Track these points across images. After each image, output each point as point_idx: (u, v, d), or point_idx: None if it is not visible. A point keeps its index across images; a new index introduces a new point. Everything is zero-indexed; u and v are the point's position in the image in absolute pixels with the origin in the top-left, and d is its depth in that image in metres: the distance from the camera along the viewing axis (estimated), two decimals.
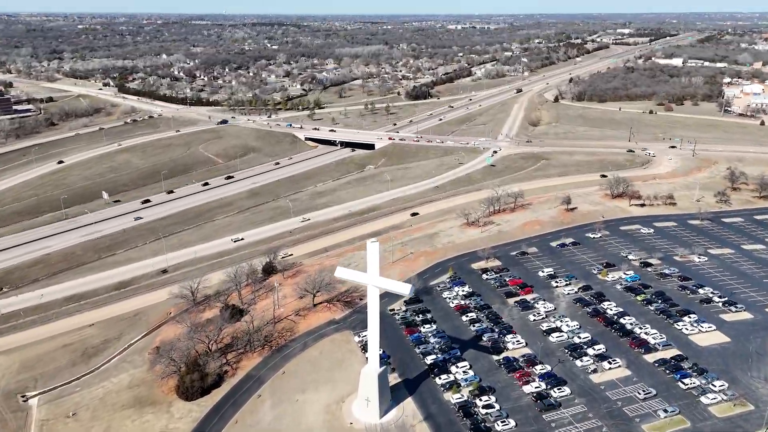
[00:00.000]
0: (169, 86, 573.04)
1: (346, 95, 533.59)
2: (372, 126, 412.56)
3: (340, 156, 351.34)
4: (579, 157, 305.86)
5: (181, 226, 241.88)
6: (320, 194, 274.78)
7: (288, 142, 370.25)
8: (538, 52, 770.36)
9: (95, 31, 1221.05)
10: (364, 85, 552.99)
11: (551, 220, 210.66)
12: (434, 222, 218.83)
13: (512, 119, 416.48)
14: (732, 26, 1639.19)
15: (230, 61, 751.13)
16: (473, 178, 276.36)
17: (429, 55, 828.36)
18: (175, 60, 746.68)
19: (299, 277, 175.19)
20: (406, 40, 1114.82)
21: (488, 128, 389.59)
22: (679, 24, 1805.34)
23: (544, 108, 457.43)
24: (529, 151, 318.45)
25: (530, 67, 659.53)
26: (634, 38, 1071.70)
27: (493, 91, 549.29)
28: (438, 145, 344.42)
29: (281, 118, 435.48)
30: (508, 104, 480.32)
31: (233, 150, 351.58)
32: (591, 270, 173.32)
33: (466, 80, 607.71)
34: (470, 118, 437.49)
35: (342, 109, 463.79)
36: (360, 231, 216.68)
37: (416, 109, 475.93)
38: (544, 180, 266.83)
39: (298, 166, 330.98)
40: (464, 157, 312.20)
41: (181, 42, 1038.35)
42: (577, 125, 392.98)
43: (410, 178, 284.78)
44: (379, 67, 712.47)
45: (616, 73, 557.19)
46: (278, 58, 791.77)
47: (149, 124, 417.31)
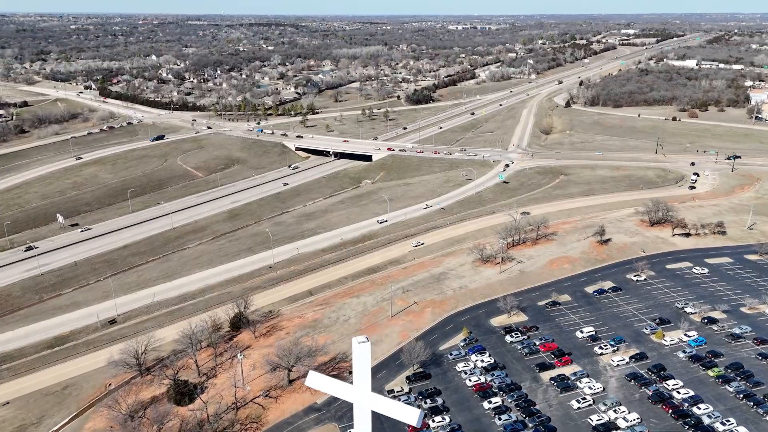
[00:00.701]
0: (155, 89, 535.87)
1: (342, 99, 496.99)
2: (369, 133, 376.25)
3: (334, 168, 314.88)
4: (602, 172, 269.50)
5: (144, 257, 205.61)
6: (309, 216, 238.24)
7: (276, 153, 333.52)
8: (543, 54, 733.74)
9: (87, 31, 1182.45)
10: (361, 88, 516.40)
11: (583, 257, 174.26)
12: (441, 256, 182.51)
13: (522, 126, 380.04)
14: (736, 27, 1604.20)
15: (222, 62, 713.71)
16: (485, 198, 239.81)
17: (430, 56, 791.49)
18: (165, 61, 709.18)
19: (274, 336, 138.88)
20: (406, 40, 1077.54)
21: (497, 137, 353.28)
22: (682, 24, 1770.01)
23: (555, 114, 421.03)
24: (545, 165, 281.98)
25: (536, 69, 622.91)
26: (641, 39, 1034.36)
27: (498, 95, 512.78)
28: (443, 157, 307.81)
29: (271, 125, 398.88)
30: (517, 109, 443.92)
31: (215, 162, 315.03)
32: (641, 328, 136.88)
33: (470, 83, 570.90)
34: (476, 124, 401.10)
35: (338, 115, 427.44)
36: (353, 267, 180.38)
37: (417, 114, 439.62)
38: (566, 201, 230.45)
39: (287, 180, 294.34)
40: (472, 171, 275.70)
41: (173, 42, 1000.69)
42: (594, 133, 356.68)
43: (412, 198, 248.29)
44: (378, 69, 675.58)
45: (629, 76, 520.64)
46: (273, 60, 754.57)
47: (127, 132, 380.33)
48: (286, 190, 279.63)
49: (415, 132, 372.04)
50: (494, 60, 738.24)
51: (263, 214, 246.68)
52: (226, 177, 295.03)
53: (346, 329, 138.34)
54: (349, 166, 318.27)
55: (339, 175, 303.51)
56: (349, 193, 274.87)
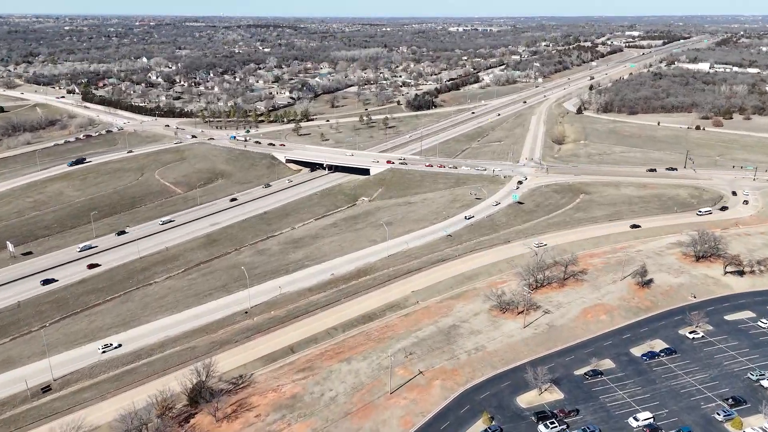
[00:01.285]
0: (143, 93, 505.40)
1: (339, 104, 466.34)
2: (367, 143, 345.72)
3: (328, 183, 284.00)
4: (628, 190, 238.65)
5: (102, 295, 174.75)
6: (296, 243, 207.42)
7: (265, 166, 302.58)
8: (549, 56, 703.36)
9: (80, 32, 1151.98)
10: (360, 93, 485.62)
11: (622, 304, 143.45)
12: (450, 299, 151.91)
13: (532, 136, 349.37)
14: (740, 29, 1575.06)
15: (216, 65, 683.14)
16: (498, 223, 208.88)
17: (431, 58, 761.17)
18: (155, 64, 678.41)
19: (240, 420, 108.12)
20: (406, 42, 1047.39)
21: (506, 147, 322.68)
22: (685, 27, 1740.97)
23: (566, 121, 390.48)
24: (562, 182, 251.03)
25: (543, 73, 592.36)
26: (647, 41, 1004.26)
27: (504, 100, 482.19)
28: (448, 171, 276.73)
29: (261, 133, 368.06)
30: (525, 116, 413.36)
31: (197, 176, 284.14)
32: (712, 413, 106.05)
33: (474, 87, 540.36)
34: (482, 132, 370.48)
35: (334, 122, 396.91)
36: (344, 312, 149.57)
37: (419, 121, 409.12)
38: (591, 227, 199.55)
39: (274, 198, 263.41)
40: (482, 189, 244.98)
41: (167, 44, 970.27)
42: (611, 144, 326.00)
43: (414, 221, 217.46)
44: (377, 72, 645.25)
45: (642, 80, 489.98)
46: (268, 62, 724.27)
47: (105, 141, 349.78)
48: (274, 209, 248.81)
49: (416, 141, 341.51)
50: (498, 63, 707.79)
51: (245, 238, 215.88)
52: (207, 194, 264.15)
53: (332, 412, 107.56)
54: (344, 181, 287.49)
55: (333, 191, 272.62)
56: (343, 213, 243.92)
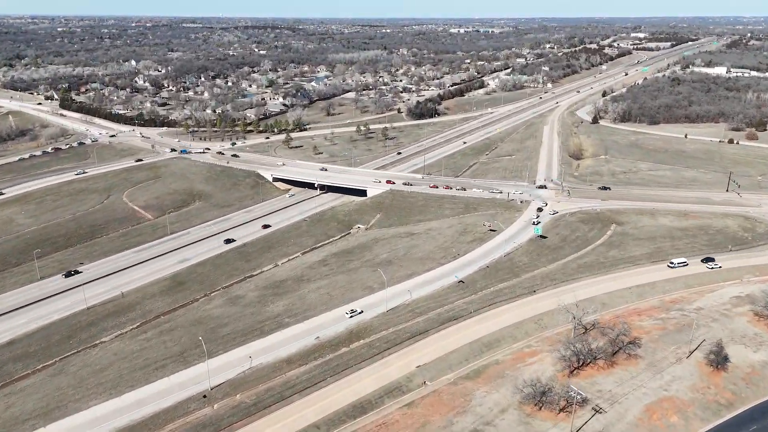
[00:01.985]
0: (126, 99, 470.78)
1: (335, 112, 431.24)
2: (365, 156, 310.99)
3: (319, 207, 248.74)
4: (666, 220, 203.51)
5: (32, 362, 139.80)
6: (277, 289, 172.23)
7: (249, 185, 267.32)
8: (556, 60, 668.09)
9: (72, 33, 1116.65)
10: (357, 100, 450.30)
11: (696, 398, 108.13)
12: (467, 381, 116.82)
13: (547, 149, 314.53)
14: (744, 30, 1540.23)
15: (207, 68, 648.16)
16: (518, 264, 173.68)
17: (432, 61, 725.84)
18: (144, 67, 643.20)
19: None
20: (407, 44, 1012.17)
21: (518, 163, 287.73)
22: (690, 28, 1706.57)
23: (581, 132, 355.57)
24: (588, 208, 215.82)
25: (551, 77, 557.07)
26: (654, 42, 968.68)
27: (512, 107, 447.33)
28: (456, 194, 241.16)
29: (248, 146, 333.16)
30: (536, 126, 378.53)
31: (171, 198, 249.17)
32: None
33: (479, 93, 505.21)
34: (491, 145, 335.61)
35: (329, 132, 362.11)
36: (330, 400, 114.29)
37: (421, 131, 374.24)
38: (630, 271, 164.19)
39: (255, 226, 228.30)
40: (496, 218, 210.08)
41: (160, 46, 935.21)
42: (635, 159, 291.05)
43: (418, 260, 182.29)
44: (377, 77, 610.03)
45: (660, 86, 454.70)
46: (263, 65, 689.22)
47: (76, 155, 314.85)
48: (254, 240, 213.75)
49: (418, 155, 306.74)
50: (503, 66, 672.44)
51: (218, 280, 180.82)
52: (180, 219, 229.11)
53: None
54: (338, 204, 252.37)
55: (325, 216, 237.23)
56: (335, 245, 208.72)
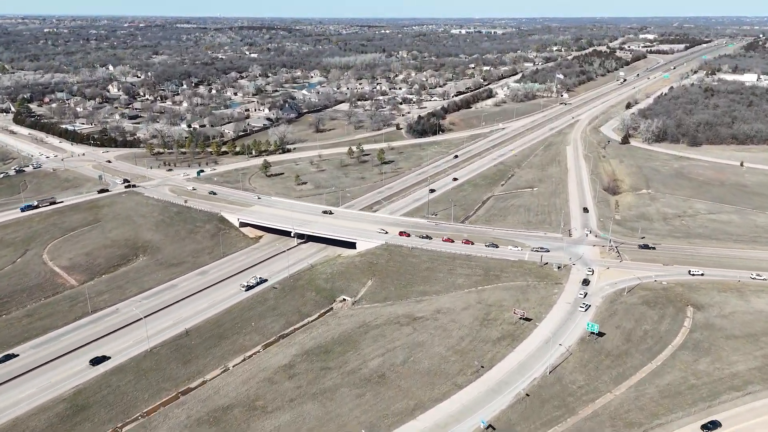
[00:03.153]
0: (91, 112, 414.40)
1: (325, 128, 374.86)
2: (357, 186, 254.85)
3: (295, 266, 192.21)
4: (762, 302, 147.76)
5: None
6: (216, 422, 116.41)
7: (208, 234, 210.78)
8: (568, 65, 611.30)
9: (58, 35, 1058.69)
10: (351, 114, 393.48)
11: None
12: None
13: (575, 179, 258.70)
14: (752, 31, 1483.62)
15: (191, 74, 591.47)
16: (570, 389, 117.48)
17: (434, 66, 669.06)
18: (121, 72, 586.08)
19: None
20: (406, 46, 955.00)
21: (543, 200, 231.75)
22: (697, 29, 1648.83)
23: (612, 155, 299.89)
24: (649, 281, 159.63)
25: (566, 85, 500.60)
26: (666, 45, 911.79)
27: (526, 122, 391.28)
28: (471, 253, 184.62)
29: (217, 174, 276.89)
30: (556, 146, 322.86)
31: (107, 253, 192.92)
32: None
33: (488, 104, 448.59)
34: (506, 171, 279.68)
35: (316, 155, 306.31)
36: None
37: (423, 153, 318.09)
38: (740, 407, 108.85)
39: (208, 299, 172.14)
40: (528, 293, 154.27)
41: (148, 48, 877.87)
42: (686, 195, 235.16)
43: (424, 374, 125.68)
44: (374, 84, 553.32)
45: (693, 97, 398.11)
46: (251, 70, 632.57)
47: (9, 186, 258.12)
48: (207, 320, 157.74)
49: (419, 185, 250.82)
50: (510, 72, 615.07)
51: (137, 400, 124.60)
52: (111, 288, 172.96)
53: None
54: (319, 258, 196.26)
55: (300, 281, 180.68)
56: (310, 333, 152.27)
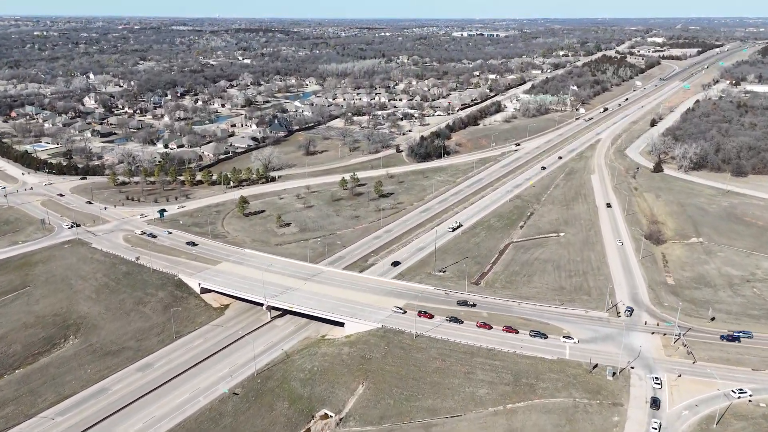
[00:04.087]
0: (62, 127, 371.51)
1: (317, 150, 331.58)
2: (349, 231, 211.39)
3: (266, 354, 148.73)
4: None
5: None
6: None
7: (161, 303, 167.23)
8: (579, 74, 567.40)
9: (47, 38, 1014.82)
10: (346, 134, 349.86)
11: None
12: None
13: (608, 223, 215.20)
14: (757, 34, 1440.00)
15: (178, 83, 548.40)
16: None
17: (436, 73, 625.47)
18: (102, 82, 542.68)
19: None
20: (407, 51, 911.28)
21: (572, 248, 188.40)
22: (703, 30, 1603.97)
23: (645, 188, 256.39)
24: (735, 396, 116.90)
25: (580, 97, 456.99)
26: (678, 49, 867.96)
27: (540, 142, 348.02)
28: (490, 345, 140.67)
29: (186, 213, 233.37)
30: (579, 173, 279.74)
31: (28, 335, 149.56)
32: None
33: (497, 119, 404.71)
34: (524, 208, 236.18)
35: (304, 187, 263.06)
36: None
37: (427, 182, 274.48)
38: None
39: (145, 410, 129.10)
40: (576, 417, 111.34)
41: (134, 54, 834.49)
42: (747, 245, 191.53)
43: None
44: (372, 93, 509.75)
45: (725, 114, 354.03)
46: (242, 78, 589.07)
47: None
48: None
49: (423, 226, 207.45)
50: (518, 81, 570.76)
51: None
52: (21, 395, 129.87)
53: None
54: (296, 344, 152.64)
55: (269, 382, 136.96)
56: None
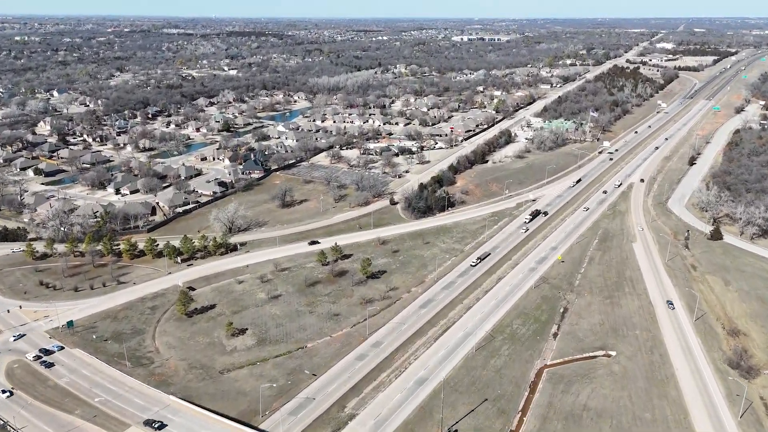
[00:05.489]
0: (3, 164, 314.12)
1: (295, 200, 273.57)
2: (325, 344, 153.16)
3: None
4: None
5: None
6: None
7: None
8: (594, 90, 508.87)
9: (25, 44, 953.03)
10: (330, 179, 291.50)
11: None
12: None
13: (672, 332, 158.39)
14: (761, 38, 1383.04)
15: (151, 101, 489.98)
16: None
17: (436, 89, 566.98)
18: (65, 100, 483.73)
19: None
20: (405, 59, 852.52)
21: (638, 396, 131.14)
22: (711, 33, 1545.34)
23: (704, 265, 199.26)
24: None
25: (601, 124, 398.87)
26: (694, 57, 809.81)
27: (561, 189, 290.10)
28: None
29: (103, 315, 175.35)
30: (617, 240, 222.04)
31: None
32: None
33: (508, 154, 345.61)
34: (554, 305, 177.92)
35: (272, 263, 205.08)
36: None
37: (427, 253, 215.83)
38: None
39: None
40: None
41: (115, 62, 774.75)
42: None
43: None
44: (365, 113, 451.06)
45: None
46: (224, 95, 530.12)
47: None
48: None
49: (423, 334, 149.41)
50: (527, 100, 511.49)
51: None
52: None
53: None
54: None
55: None
56: None
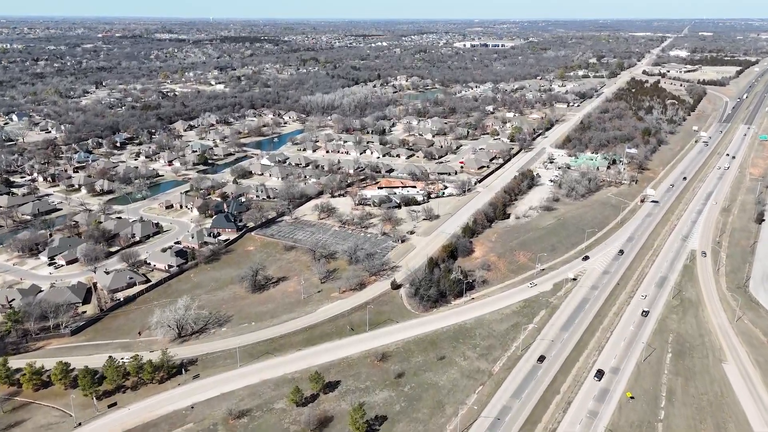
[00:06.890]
0: None
1: (269, 279, 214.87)
2: None
3: None
4: None
5: None
6: None
7: None
8: (619, 114, 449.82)
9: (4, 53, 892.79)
10: (316, 248, 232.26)
11: None
12: None
13: None
14: None
15: (121, 126, 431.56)
16: None
17: (442, 109, 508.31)
18: (24, 127, 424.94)
19: None
20: (405, 69, 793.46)
21: None
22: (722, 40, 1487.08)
23: None
24: None
25: (637, 160, 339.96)
26: (714, 68, 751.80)
27: (601, 258, 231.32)
28: None
29: None
30: (699, 360, 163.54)
31: None
32: None
33: (532, 204, 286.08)
34: None
35: (223, 407, 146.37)
36: None
37: (441, 378, 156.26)
38: None
39: None
40: None
41: (94, 74, 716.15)
42: None
43: None
44: (362, 141, 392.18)
45: None
46: (204, 119, 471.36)
47: None
48: None
49: None
50: (545, 125, 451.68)
51: None
52: None
53: None
54: None
55: None
56: None
